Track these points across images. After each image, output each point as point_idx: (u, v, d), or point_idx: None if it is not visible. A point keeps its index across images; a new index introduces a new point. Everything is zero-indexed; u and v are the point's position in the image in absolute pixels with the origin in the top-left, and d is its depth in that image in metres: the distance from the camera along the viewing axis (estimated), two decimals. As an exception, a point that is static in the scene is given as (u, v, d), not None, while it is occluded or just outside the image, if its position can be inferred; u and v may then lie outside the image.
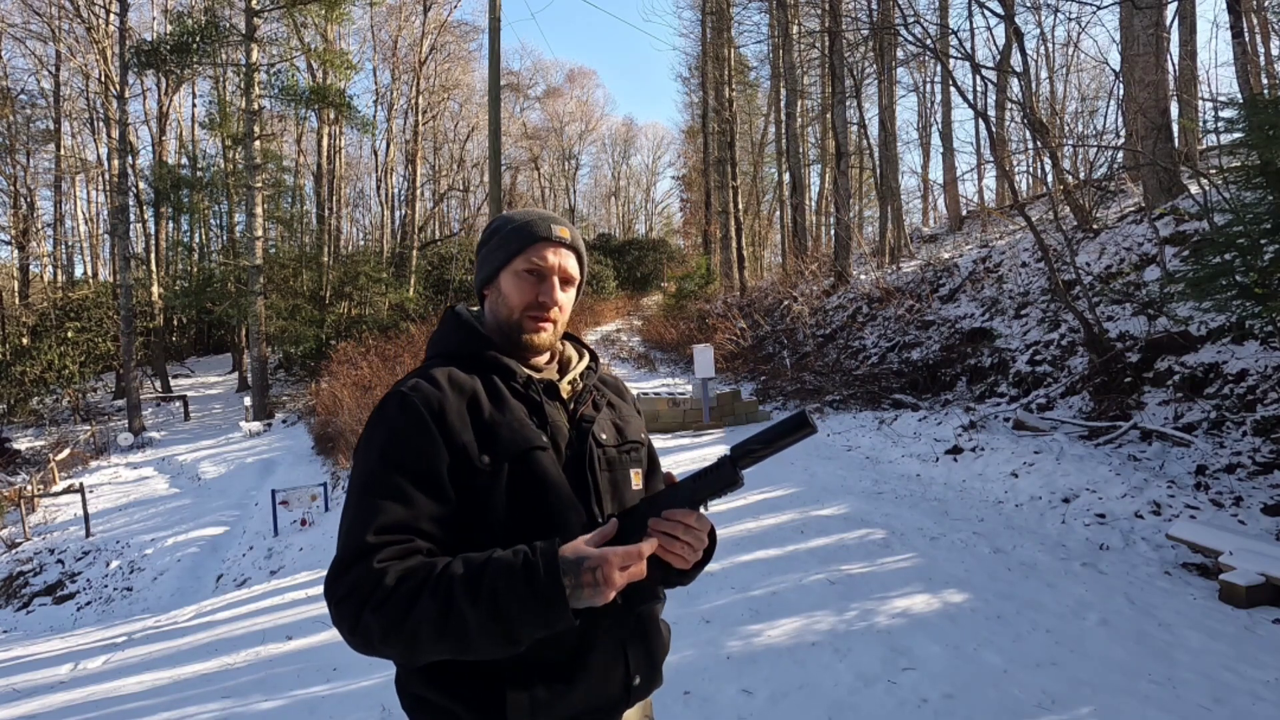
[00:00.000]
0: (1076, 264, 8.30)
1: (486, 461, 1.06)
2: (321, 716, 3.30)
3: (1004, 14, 10.07)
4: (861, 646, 3.27)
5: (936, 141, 23.37)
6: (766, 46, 23.85)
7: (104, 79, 20.50)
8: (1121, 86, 9.88)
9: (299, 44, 20.05)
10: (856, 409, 9.45)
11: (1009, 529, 4.94)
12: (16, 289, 22.88)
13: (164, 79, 22.27)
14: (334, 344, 18.60)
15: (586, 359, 1.29)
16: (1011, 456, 6.10)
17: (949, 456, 6.62)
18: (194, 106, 28.44)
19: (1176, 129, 9.92)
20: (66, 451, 15.84)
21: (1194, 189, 8.20)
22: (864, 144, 22.53)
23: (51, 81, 24.85)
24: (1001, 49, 14.23)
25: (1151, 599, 3.73)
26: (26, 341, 20.52)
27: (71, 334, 21.35)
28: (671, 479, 1.11)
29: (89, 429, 17.88)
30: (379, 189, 29.34)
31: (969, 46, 17.54)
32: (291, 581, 6.39)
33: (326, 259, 22.60)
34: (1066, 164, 10.92)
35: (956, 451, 6.63)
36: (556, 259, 1.19)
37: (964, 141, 40.02)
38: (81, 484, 12.63)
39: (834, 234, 18.80)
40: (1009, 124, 17.32)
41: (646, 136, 52.37)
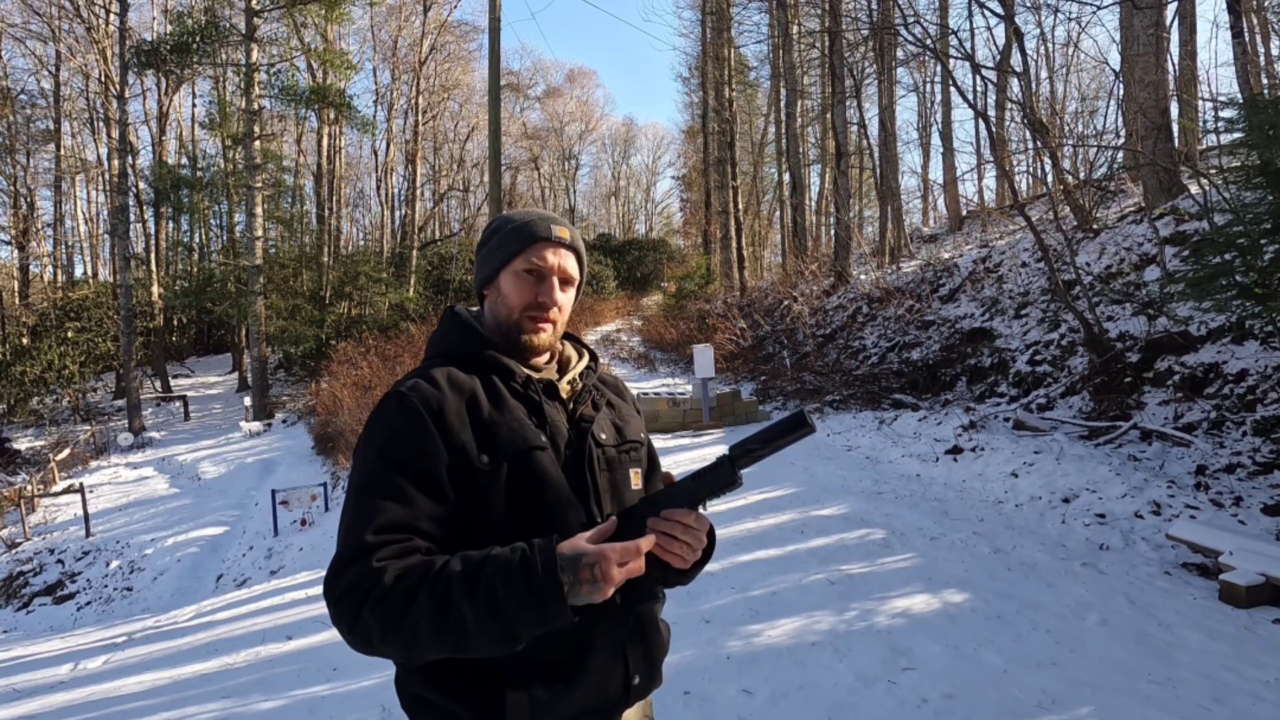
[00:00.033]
0: (1076, 264, 8.30)
1: (485, 461, 1.06)
2: (321, 716, 3.30)
3: (1004, 14, 10.07)
4: (861, 646, 3.27)
5: (936, 141, 23.40)
6: (766, 46, 23.88)
7: (104, 79, 20.50)
8: (1121, 86, 9.88)
9: (299, 44, 20.05)
10: (856, 409, 9.45)
11: (1009, 529, 4.94)
12: (16, 289, 22.88)
13: (164, 79, 22.28)
14: (334, 344, 18.61)
15: (586, 359, 1.29)
16: (1011, 456, 6.10)
17: (949, 456, 6.62)
18: (194, 106, 28.49)
19: (1176, 129, 9.92)
20: (66, 451, 15.84)
21: (1194, 189, 8.20)
22: (864, 144, 22.53)
23: (51, 81, 24.88)
24: (1001, 49, 14.24)
25: (1151, 599, 3.73)
26: (26, 341, 20.52)
27: (71, 334, 21.35)
28: (670, 479, 1.11)
29: (89, 429, 17.88)
30: (379, 189, 29.37)
31: (969, 46, 17.55)
32: (291, 581, 6.39)
33: (326, 259, 22.60)
34: (1066, 164, 10.92)
35: (956, 451, 6.63)
36: (556, 259, 1.19)
37: (964, 141, 40.07)
38: (81, 484, 12.63)
39: (834, 234, 18.81)
40: (1009, 124, 17.32)
41: (646, 136, 52.42)
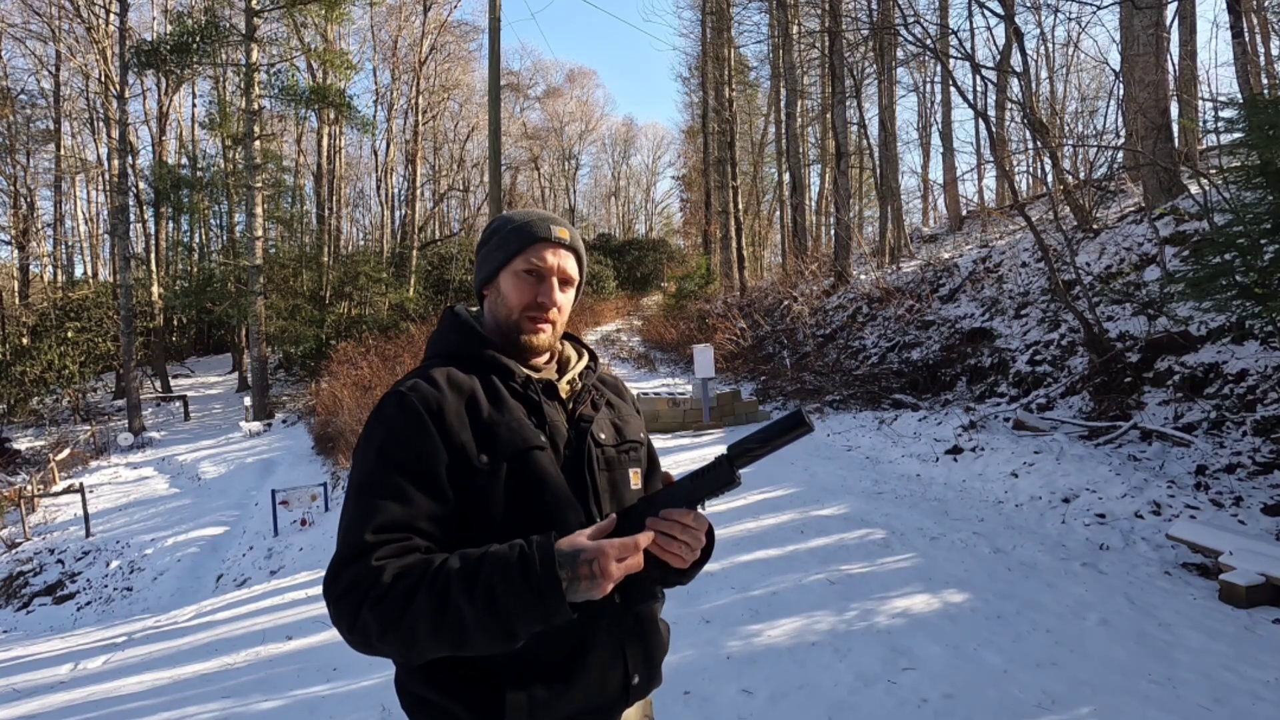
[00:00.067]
0: (1076, 264, 8.30)
1: (485, 461, 1.06)
2: (321, 716, 3.30)
3: (1004, 14, 10.07)
4: (861, 646, 3.27)
5: (936, 141, 23.40)
6: (766, 46, 23.88)
7: (104, 79, 20.50)
8: (1121, 86, 9.88)
9: (299, 44, 20.05)
10: (856, 409, 9.45)
11: (1009, 529, 4.94)
12: (16, 289, 22.87)
13: (164, 79, 22.27)
14: (334, 344, 18.60)
15: (585, 359, 1.29)
16: (1011, 456, 6.10)
17: (949, 456, 6.62)
18: (194, 106, 28.49)
19: (1176, 129, 9.92)
20: (66, 451, 15.84)
21: (1194, 189, 8.19)
22: (864, 144, 22.53)
23: (51, 81, 24.87)
24: (1001, 49, 14.24)
25: (1151, 599, 3.72)
26: (26, 341, 20.52)
27: (71, 334, 21.35)
28: (669, 479, 1.11)
29: (89, 429, 17.88)
30: (379, 189, 29.37)
31: (969, 46, 17.55)
32: (291, 581, 6.39)
33: (326, 259, 22.60)
34: (1066, 164, 10.92)
35: (956, 451, 6.63)
36: (556, 260, 1.19)
37: (964, 141, 40.07)
38: (81, 484, 12.63)
39: (834, 234, 18.80)
40: (1009, 124, 17.32)
41: (646, 136, 52.41)
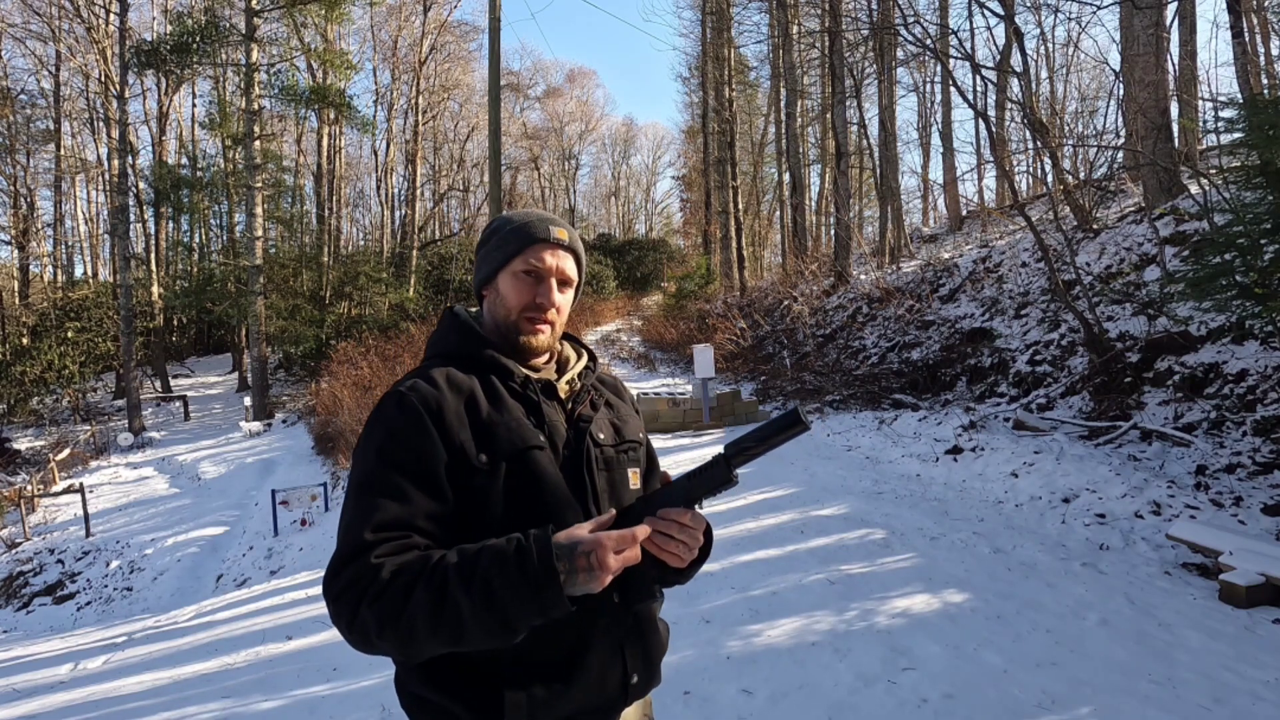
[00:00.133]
0: (1076, 264, 8.30)
1: (484, 461, 1.06)
2: (321, 716, 3.30)
3: (1004, 14, 10.07)
4: (861, 646, 3.27)
5: (936, 141, 23.40)
6: (766, 46, 23.88)
7: (104, 79, 20.50)
8: (1121, 86, 9.88)
9: (299, 44, 20.05)
10: (856, 409, 9.45)
11: (1009, 529, 4.94)
12: (16, 289, 22.87)
13: (164, 79, 22.27)
14: (334, 344, 18.59)
15: (585, 359, 1.29)
16: (1011, 456, 6.10)
17: (949, 456, 6.62)
18: (194, 106, 28.49)
19: (1176, 129, 9.92)
20: (66, 451, 15.84)
21: (1194, 189, 8.19)
22: (864, 144, 22.53)
23: (51, 81, 24.87)
24: (1001, 49, 14.24)
25: (1151, 599, 3.72)
26: (26, 341, 20.52)
27: (71, 334, 21.35)
28: (667, 478, 1.11)
29: (89, 429, 17.88)
30: (379, 189, 29.37)
31: (969, 46, 17.56)
32: (291, 581, 6.39)
33: (326, 259, 22.60)
34: (1066, 164, 10.92)
35: (956, 451, 6.63)
36: (554, 260, 1.19)
37: (964, 141, 40.09)
38: (81, 484, 12.63)
39: (834, 234, 18.80)
40: (1009, 124, 17.32)
41: (646, 136, 52.47)
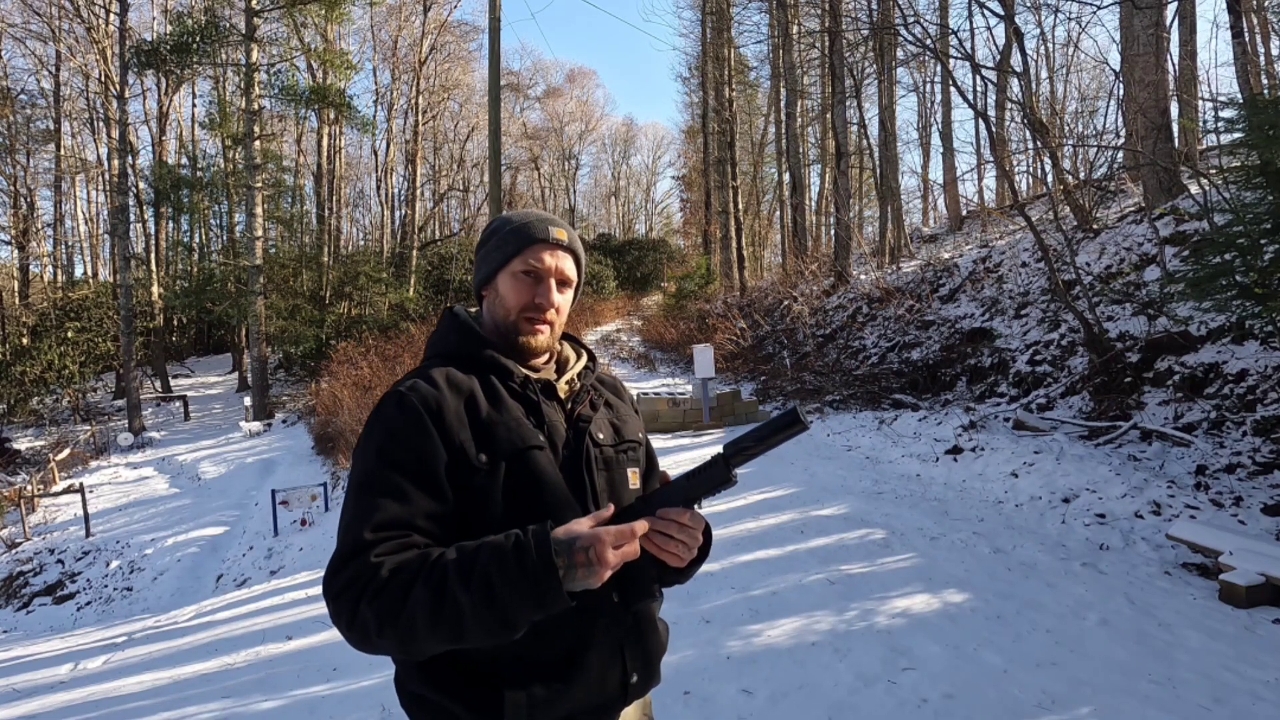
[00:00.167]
0: (1076, 264, 8.29)
1: (484, 460, 1.06)
2: (321, 716, 3.30)
3: (1004, 14, 10.07)
4: (861, 646, 3.27)
5: (936, 141, 23.40)
6: (766, 46, 23.88)
7: (104, 79, 20.50)
8: (1121, 86, 9.88)
9: (299, 44, 20.05)
10: (856, 409, 9.45)
11: (1009, 529, 4.94)
12: (16, 289, 22.87)
13: (164, 79, 22.27)
14: (334, 344, 18.59)
15: (584, 359, 1.29)
16: (1011, 456, 6.10)
17: (949, 456, 6.62)
18: (194, 106, 28.49)
19: (1176, 129, 9.91)
20: (66, 451, 15.84)
21: (1194, 189, 8.19)
22: (864, 144, 22.53)
23: (51, 81, 24.86)
24: (1001, 49, 14.23)
25: (1151, 599, 3.72)
26: (26, 341, 20.51)
27: (71, 334, 21.35)
28: (666, 478, 1.11)
29: (89, 429, 17.88)
30: (379, 189, 29.37)
31: (969, 46, 17.55)
32: (291, 581, 6.39)
33: (326, 259, 22.60)
34: (1066, 164, 10.92)
35: (956, 451, 6.63)
36: (554, 261, 1.19)
37: (964, 141, 40.09)
38: (81, 484, 12.63)
39: (834, 234, 18.80)
40: (1009, 124, 17.32)
41: (646, 136, 52.52)
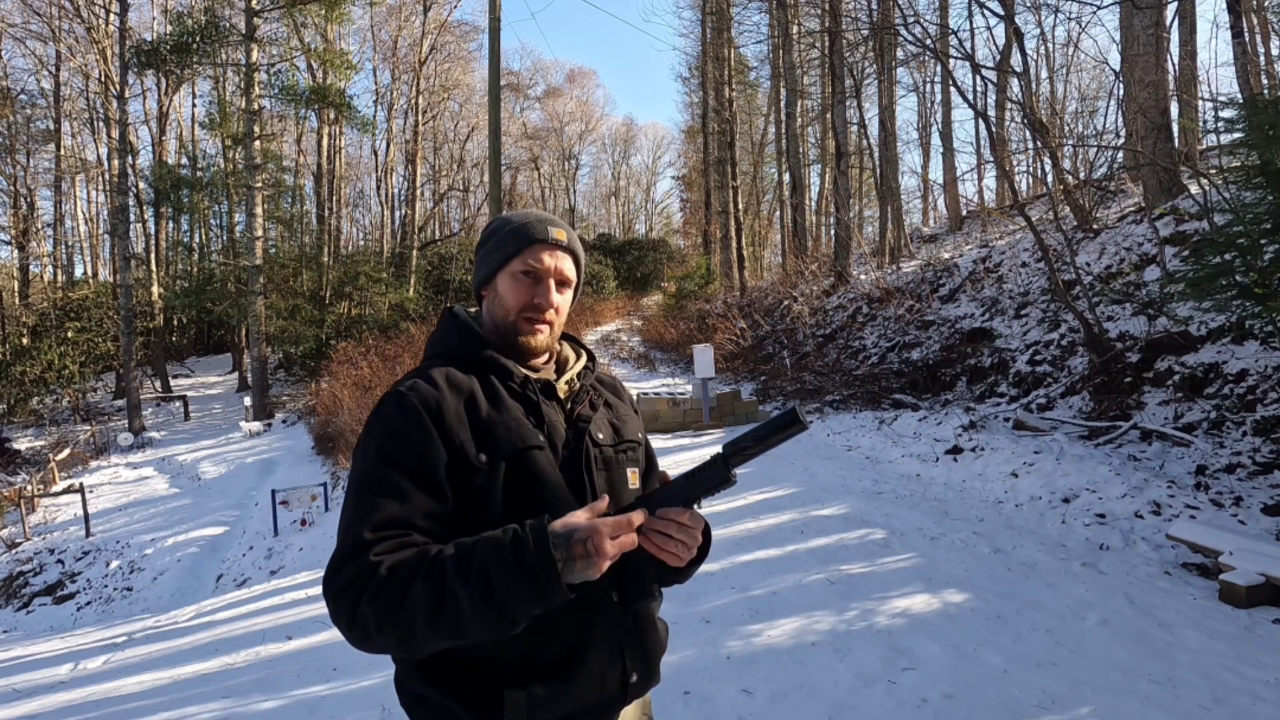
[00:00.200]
0: (1076, 264, 8.29)
1: (484, 460, 1.06)
2: (321, 716, 3.30)
3: (1004, 14, 10.07)
4: (861, 646, 3.27)
5: (936, 141, 23.41)
6: (766, 46, 23.88)
7: (104, 79, 20.50)
8: (1121, 86, 9.87)
9: (299, 44, 20.05)
10: (856, 409, 9.45)
11: (1009, 529, 4.94)
12: (16, 289, 22.87)
13: (164, 79, 22.27)
14: (334, 344, 18.59)
15: (584, 359, 1.29)
16: (1011, 456, 6.10)
17: (949, 456, 6.62)
18: (194, 106, 28.49)
19: (1176, 129, 9.91)
20: (66, 451, 15.83)
21: (1194, 189, 8.19)
22: (864, 144, 22.53)
23: (51, 81, 24.86)
24: (1001, 49, 14.23)
25: (1151, 599, 3.72)
26: (26, 341, 20.51)
27: (71, 334, 21.34)
28: (666, 478, 1.12)
29: (89, 429, 17.88)
30: (379, 189, 29.38)
31: (969, 46, 17.56)
32: (291, 581, 6.39)
33: (326, 259, 22.60)
34: (1066, 164, 10.93)
35: (956, 451, 6.63)
36: (553, 261, 1.19)
37: (964, 141, 40.10)
38: (81, 484, 12.63)
39: (834, 234, 18.80)
40: (1009, 124, 17.31)
41: (646, 136, 52.56)
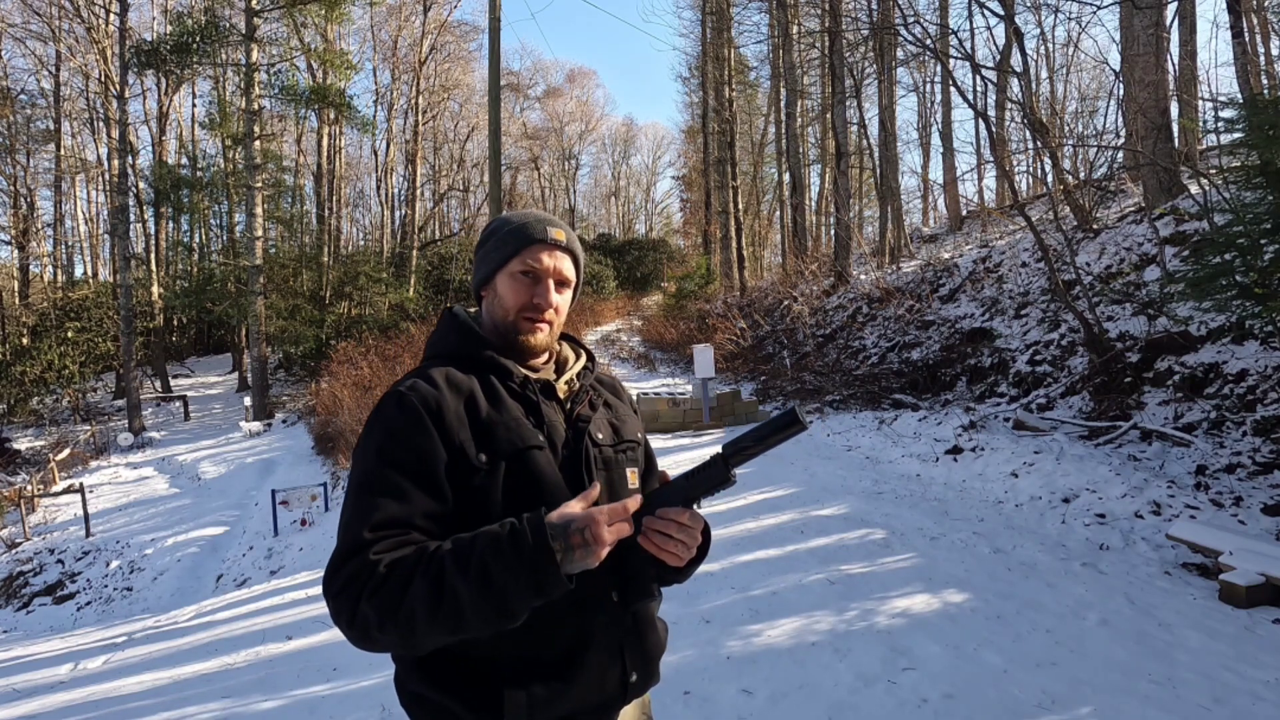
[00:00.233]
0: (1076, 264, 8.29)
1: (484, 460, 1.06)
2: (321, 716, 3.30)
3: (1004, 14, 10.07)
4: (861, 646, 3.27)
5: (936, 141, 23.41)
6: (766, 46, 23.88)
7: (104, 79, 20.50)
8: (1121, 86, 9.87)
9: (299, 44, 20.05)
10: (856, 409, 9.45)
11: (1009, 529, 4.94)
12: (16, 289, 22.86)
13: (164, 79, 22.26)
14: (334, 344, 18.60)
15: (583, 359, 1.30)
16: (1011, 456, 6.09)
17: (949, 456, 6.62)
18: (194, 106, 28.49)
19: (1176, 129, 9.91)
20: (66, 451, 15.83)
21: (1194, 189, 8.19)
22: (864, 144, 22.53)
23: (51, 81, 24.86)
24: (1001, 49, 14.23)
25: (1151, 599, 3.72)
26: (26, 341, 20.51)
27: (71, 334, 21.34)
28: (665, 478, 1.12)
29: (89, 429, 17.88)
30: (379, 189, 29.38)
31: (969, 46, 17.55)
32: (291, 581, 6.38)
33: (326, 259, 22.60)
34: (1066, 164, 10.93)
35: (956, 451, 6.63)
36: (552, 261, 1.19)
37: (964, 141, 40.11)
38: (81, 484, 12.63)
39: (834, 234, 18.80)
40: (1009, 124, 17.31)
41: (646, 136, 52.59)
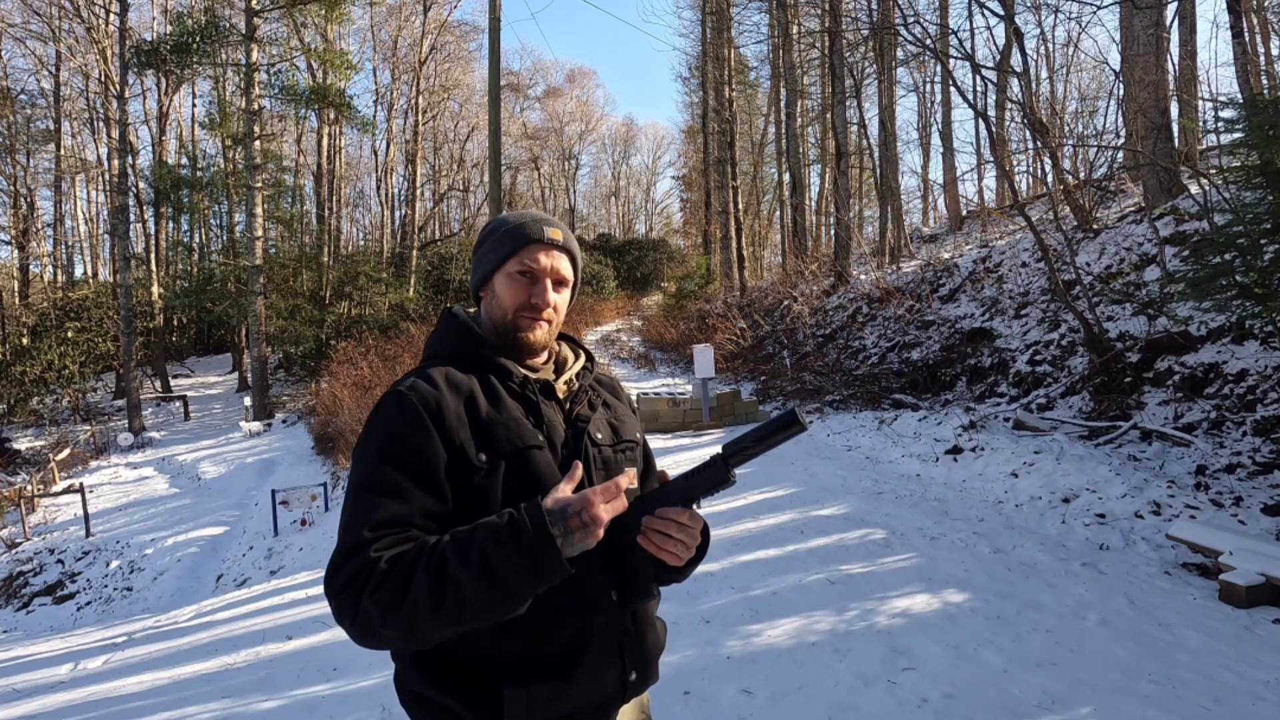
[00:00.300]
0: (1076, 264, 8.29)
1: (483, 460, 1.06)
2: (321, 716, 3.29)
3: (1004, 14, 10.07)
4: (861, 646, 3.27)
5: (936, 141, 23.41)
6: (766, 46, 23.87)
7: (104, 79, 20.50)
8: (1121, 86, 9.87)
9: (299, 44, 20.06)
10: (856, 409, 9.45)
11: (1009, 529, 4.94)
12: (16, 289, 22.87)
13: (164, 79, 22.27)
14: (334, 344, 18.61)
15: (582, 359, 1.30)
16: (1011, 456, 6.09)
17: (949, 456, 6.62)
18: (194, 106, 28.49)
19: (1176, 129, 9.91)
20: (66, 451, 15.84)
21: (1194, 189, 8.19)
22: (864, 144, 22.53)
23: (51, 81, 24.87)
24: (1001, 49, 14.23)
25: (1151, 599, 3.72)
26: (26, 341, 20.52)
27: (71, 334, 21.35)
28: (665, 478, 1.12)
29: (89, 429, 17.88)
30: (379, 189, 29.39)
31: (969, 46, 17.55)
32: (291, 581, 6.38)
33: (326, 259, 22.61)
34: (1066, 164, 10.93)
35: (956, 451, 6.63)
36: (549, 261, 1.20)
37: (964, 141, 40.10)
38: (81, 484, 12.63)
39: (834, 234, 18.81)
40: (1009, 124, 17.31)
41: (646, 136, 52.61)
